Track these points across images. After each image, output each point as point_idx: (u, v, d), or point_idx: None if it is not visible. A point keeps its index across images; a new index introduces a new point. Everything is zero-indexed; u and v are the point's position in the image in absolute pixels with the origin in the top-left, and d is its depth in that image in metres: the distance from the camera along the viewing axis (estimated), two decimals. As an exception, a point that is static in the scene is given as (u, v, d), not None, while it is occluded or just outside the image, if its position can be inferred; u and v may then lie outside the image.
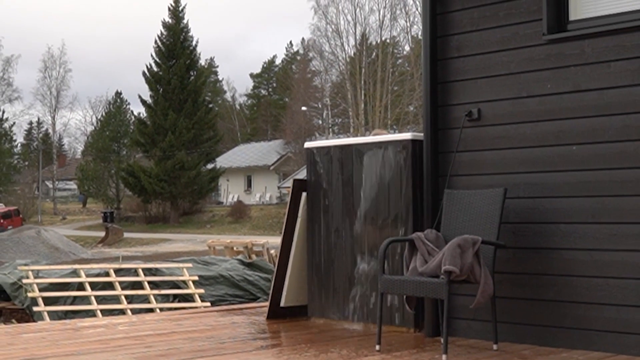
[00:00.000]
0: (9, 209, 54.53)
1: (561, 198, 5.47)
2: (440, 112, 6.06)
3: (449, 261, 5.07)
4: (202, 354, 5.18)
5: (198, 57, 59.19)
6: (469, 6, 5.92)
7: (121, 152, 69.23)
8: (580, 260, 5.36)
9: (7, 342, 5.72)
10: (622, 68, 5.23)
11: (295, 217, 6.80)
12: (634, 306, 5.06)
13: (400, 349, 5.40)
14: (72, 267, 11.58)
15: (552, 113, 5.52)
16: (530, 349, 5.34)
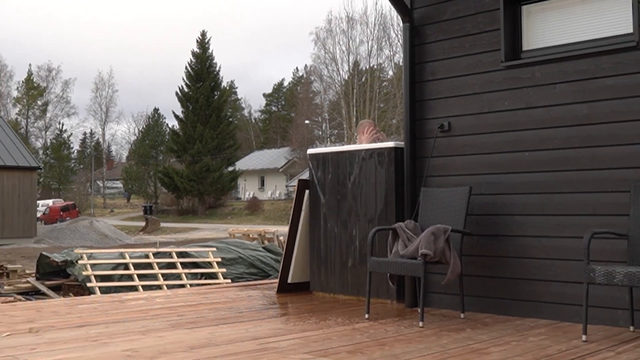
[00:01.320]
0: (67, 204, 54.41)
1: (516, 195, 5.47)
2: (417, 125, 6.05)
3: (424, 246, 5.09)
4: (224, 321, 5.19)
5: (221, 80, 59.08)
6: (441, 39, 5.92)
7: (158, 157, 69.09)
8: (531, 245, 5.37)
9: (66, 311, 5.73)
10: (565, 89, 5.24)
11: (299, 210, 6.79)
12: (574, 282, 5.04)
13: (385, 317, 5.40)
14: (119, 250, 11.59)
15: (508, 125, 5.52)
16: (490, 317, 5.35)
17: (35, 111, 70.08)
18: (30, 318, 5.35)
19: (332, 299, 6.41)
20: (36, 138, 70.27)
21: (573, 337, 4.54)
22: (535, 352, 4.11)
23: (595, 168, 5.08)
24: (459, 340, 4.46)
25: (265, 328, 4.90)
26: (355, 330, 4.82)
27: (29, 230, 30.10)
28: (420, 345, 4.29)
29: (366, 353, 4.07)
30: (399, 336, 4.61)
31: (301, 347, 4.25)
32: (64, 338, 4.52)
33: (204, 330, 4.81)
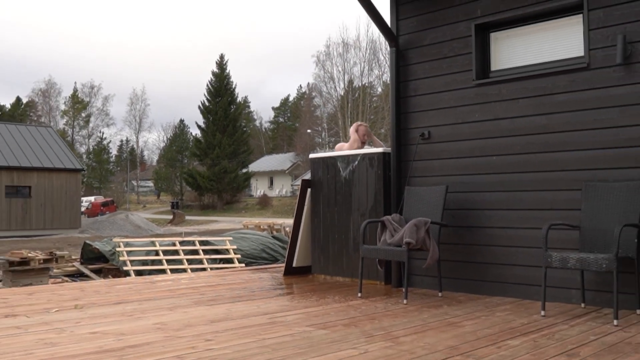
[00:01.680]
0: (107, 200, 54.34)
1: (485, 192, 5.46)
2: (402, 134, 6.04)
3: (408, 235, 5.09)
4: (239, 299, 5.18)
5: (236, 96, 58.96)
6: (422, 61, 5.92)
7: (183, 161, 69.03)
8: (498, 235, 5.36)
9: (106, 291, 5.73)
10: (526, 103, 5.23)
11: (303, 205, 6.78)
12: (535, 266, 5.05)
13: (375, 295, 5.39)
14: (150, 240, 11.58)
15: (478, 134, 5.51)
16: (464, 296, 5.35)
17: (79, 122, 69.97)
18: (75, 296, 5.36)
19: (330, 280, 6.40)
20: (80, 144, 70.15)
21: (533, 313, 4.53)
22: (501, 325, 4.11)
23: (552, 170, 5.07)
24: (437, 315, 4.45)
25: (274, 305, 4.90)
26: (349, 306, 4.82)
27: (74, 222, 30.10)
28: (404, 319, 4.29)
29: (359, 326, 4.07)
30: (387, 312, 4.60)
31: (304, 320, 4.25)
32: (104, 313, 4.52)
33: (222, 306, 4.81)
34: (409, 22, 5.99)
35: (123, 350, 3.40)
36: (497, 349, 3.47)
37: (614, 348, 3.49)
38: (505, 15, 5.36)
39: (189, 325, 4.06)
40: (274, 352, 3.37)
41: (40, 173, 29.24)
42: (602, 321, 4.22)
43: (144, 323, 4.14)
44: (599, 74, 4.84)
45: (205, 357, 3.27)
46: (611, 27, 4.78)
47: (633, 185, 4.58)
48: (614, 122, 4.76)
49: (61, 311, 4.61)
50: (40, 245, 20.13)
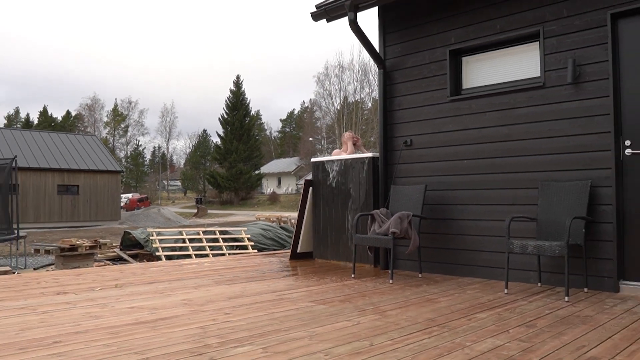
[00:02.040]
0: (142, 196, 54.29)
1: (458, 190, 5.46)
2: (388, 141, 6.04)
3: (393, 226, 5.09)
4: (252, 279, 5.18)
5: (250, 109, 58.87)
6: (405, 81, 5.91)
7: (206, 164, 69.04)
8: (469, 225, 5.35)
9: (141, 272, 5.73)
10: (492, 116, 5.23)
11: (305, 201, 6.77)
12: (499, 252, 5.06)
13: (366, 276, 5.39)
14: (178, 230, 11.58)
15: (452, 142, 5.50)
16: (440, 277, 5.34)
17: (119, 131, 69.94)
18: (116, 277, 5.37)
19: (328, 263, 6.40)
20: (120, 150, 70.08)
21: (498, 291, 4.54)
22: (471, 300, 4.11)
23: (514, 172, 5.07)
24: (417, 293, 4.45)
25: (282, 284, 4.90)
26: (344, 285, 4.82)
27: (115, 215, 30.10)
28: (390, 296, 4.29)
29: (352, 301, 4.07)
30: (376, 290, 4.61)
31: (307, 297, 4.25)
32: (140, 291, 4.53)
33: (238, 285, 4.81)
34: (394, 48, 6.00)
35: (155, 322, 3.41)
36: (468, 320, 3.47)
37: (565, 320, 3.50)
38: (474, 42, 5.36)
39: (210, 301, 4.07)
40: (281, 324, 3.38)
41: (86, 174, 29.24)
42: (555, 298, 4.23)
43: (172, 299, 4.15)
44: (552, 92, 4.85)
45: (224, 328, 3.28)
46: (563, 52, 4.79)
47: (581, 184, 4.59)
48: (565, 132, 4.77)
49: (104, 289, 4.62)
50: (87, 234, 20.14)
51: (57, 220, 28.07)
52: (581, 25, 4.69)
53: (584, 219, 4.42)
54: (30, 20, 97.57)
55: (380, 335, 3.11)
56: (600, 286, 4.51)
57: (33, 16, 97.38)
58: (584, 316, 3.61)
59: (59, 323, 3.39)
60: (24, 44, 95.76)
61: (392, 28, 6.01)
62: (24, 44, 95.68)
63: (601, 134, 4.57)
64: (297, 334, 3.14)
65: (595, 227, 4.55)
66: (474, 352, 2.80)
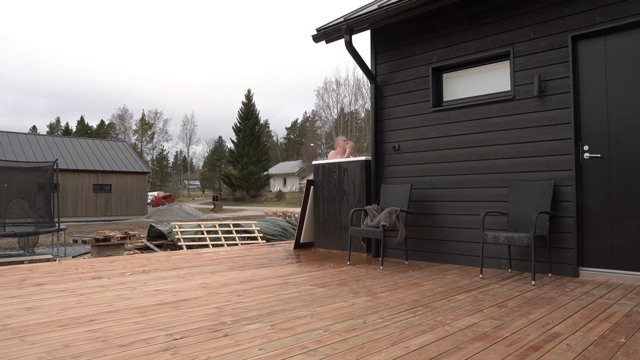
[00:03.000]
0: (166, 194, 54.16)
1: (439, 189, 5.44)
2: (379, 147, 6.01)
3: (383, 220, 5.08)
4: (261, 265, 5.16)
5: (260, 119, 58.92)
6: (394, 94, 5.89)
7: (221, 166, 68.98)
8: (449, 219, 5.33)
9: (165, 260, 5.71)
10: (469, 125, 5.21)
11: (307, 198, 6.75)
12: (475, 242, 5.04)
13: (360, 263, 5.37)
14: (197, 223, 11.57)
15: (434, 147, 5.49)
16: (424, 264, 5.31)
17: (146, 138, 69.83)
18: (143, 264, 5.36)
19: (327, 252, 6.38)
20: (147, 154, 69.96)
21: (474, 276, 4.53)
22: (451, 284, 4.10)
23: (488, 173, 5.06)
24: (404, 278, 4.45)
25: (287, 270, 4.89)
26: (341, 271, 4.81)
27: (142, 210, 30.07)
28: (381, 280, 4.29)
29: (348, 285, 4.06)
30: (368, 275, 4.60)
31: (308, 281, 4.24)
32: (164, 276, 4.52)
33: (249, 271, 4.80)
34: (384, 65, 5.99)
35: (177, 303, 3.41)
36: (448, 301, 3.47)
37: (532, 301, 3.49)
38: (453, 61, 5.35)
39: (225, 285, 4.06)
40: (287, 304, 3.37)
41: (117, 175, 29.22)
42: (523, 282, 4.22)
43: (192, 283, 4.14)
44: (521, 103, 4.84)
45: (237, 307, 3.28)
46: (530, 70, 4.78)
47: (545, 184, 4.58)
48: (532, 138, 4.76)
49: (133, 274, 4.61)
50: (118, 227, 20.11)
51: (92, 215, 28.06)
52: (546, 46, 4.69)
53: (548, 213, 4.41)
54: (67, 37, 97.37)
55: (372, 314, 3.10)
56: (562, 272, 4.50)
57: (68, 34, 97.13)
58: (549, 298, 3.61)
59: (94, 304, 3.39)
60: (63, 60, 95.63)
61: (382, 48, 6.00)
62: (63, 60, 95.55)
63: (563, 140, 4.56)
64: (300, 313, 3.14)
65: (558, 221, 4.54)
66: (453, 328, 2.80)
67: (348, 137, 48.98)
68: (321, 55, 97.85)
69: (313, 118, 66.77)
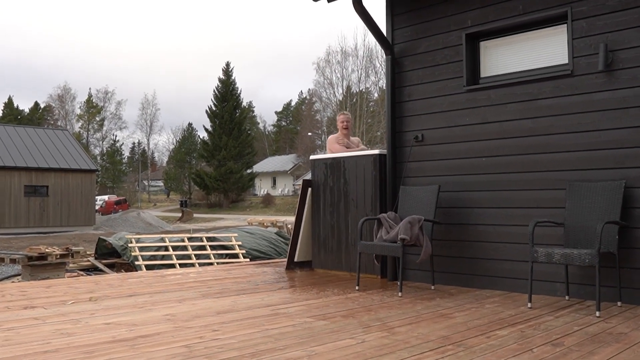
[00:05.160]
0: (119, 199, 54.18)
1: (475, 192, 5.47)
2: (397, 136, 6.04)
3: (402, 232, 5.09)
4: (244, 291, 5.17)
5: (241, 101, 58.84)
6: (416, 68, 5.92)
7: (192, 162, 69.00)
8: (488, 231, 5.36)
9: (118, 284, 5.72)
10: (514, 108, 5.24)
11: (304, 204, 6.77)
12: (522, 261, 5.07)
13: (371, 288, 5.39)
14: (160, 236, 11.57)
15: (469, 137, 5.51)
16: (455, 289, 5.34)
17: (94, 125, 69.93)
18: (90, 289, 5.36)
19: (329, 274, 6.39)
20: (95, 147, 70.07)
21: (521, 305, 4.54)
22: (490, 316, 4.11)
23: (538, 170, 5.08)
24: (430, 307, 4.45)
25: (277, 297, 4.89)
26: (348, 299, 4.82)
27: (89, 220, 30.10)
28: (399, 311, 4.29)
29: (356, 317, 4.07)
30: (383, 304, 4.61)
31: (305, 312, 4.25)
32: (117, 305, 4.52)
33: (228, 299, 4.81)
34: (403, 31, 6.00)
35: (135, 340, 3.41)
36: (487, 338, 3.47)
37: (596, 338, 3.50)
38: (493, 25, 5.36)
39: (196, 317, 4.07)
40: (276, 342, 3.38)
41: (56, 173, 29.25)
42: (585, 313, 4.23)
43: (154, 314, 4.15)
44: (582, 81, 4.85)
45: (212, 347, 3.28)
46: (594, 37, 4.79)
47: (613, 185, 4.59)
48: (596, 125, 4.77)
49: (77, 303, 4.61)
50: (57, 241, 20.14)
51: (24, 226, 28.06)
52: (615, 5, 4.69)
53: (617, 223, 4.42)
54: None
55: (387, 355, 3.10)
56: (635, 300, 4.51)
57: None
58: (617, 333, 3.61)
59: (25, 341, 3.39)
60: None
61: (401, 9, 6.01)
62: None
63: (637, 128, 4.56)
64: (294, 353, 3.14)
65: (630, 233, 4.54)
66: (493, 373, 2.80)
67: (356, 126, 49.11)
68: (322, 17, 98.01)
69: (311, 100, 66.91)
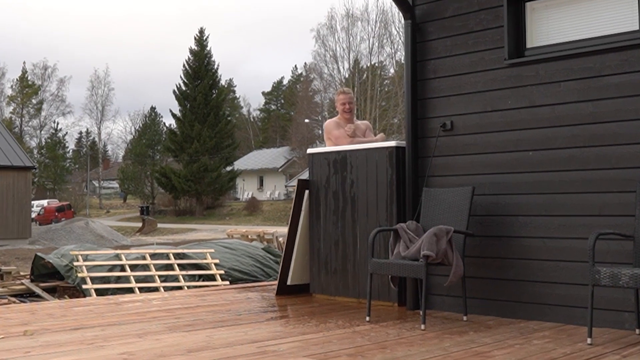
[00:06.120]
0: (62, 204, 54.35)
1: (519, 195, 5.47)
2: (419, 124, 6.04)
3: (426, 247, 5.08)
4: (222, 323, 5.17)
5: (219, 78, 58.99)
6: (443, 36, 5.92)
7: (155, 157, 69.14)
8: (536, 246, 5.35)
9: (61, 314, 5.72)
10: (570, 87, 5.23)
11: (299, 211, 6.77)
12: (579, 284, 5.06)
13: (386, 319, 5.39)
14: (115, 252, 11.57)
15: (512, 124, 5.51)
16: (494, 320, 5.34)
17: (29, 110, 70.03)
18: (24, 321, 5.34)
19: (332, 301, 6.39)
20: (31, 137, 70.24)
21: (578, 340, 4.53)
22: (539, 355, 4.10)
23: (601, 168, 5.07)
24: (461, 344, 4.45)
25: (264, 331, 4.89)
26: (356, 333, 4.81)
27: (23, 231, 30.07)
28: (422, 349, 4.28)
29: (367, 356, 4.06)
30: (401, 339, 4.59)
31: (301, 350, 4.24)
32: (59, 341, 4.51)
33: (201, 333, 4.80)
34: (427, -11, 6.00)
35: (82, 386, 3.40)
36: (535, 384, 3.46)
37: (676, 383, 3.48)
38: (544, -20, 5.36)
39: (161, 356, 4.05)
40: (264, 389, 3.36)
41: (-19, 172, 29.23)
42: (662, 351, 4.21)
43: (107, 353, 4.13)
44: (657, 52, 4.85)
45: (181, 395, 3.26)
46: (672, -4, 4.78)
47: (699, 186, 4.57)
48: (676, 110, 4.76)
49: (7, 338, 4.59)
50: (-18, 258, 20.12)
51: (-61, 238, 28.05)
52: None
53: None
54: None
55: (408, 406, 3.09)
56: None
57: None
58: None
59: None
60: None
61: (424, -40, 6.00)
62: None
63: None
64: (287, 403, 3.13)
65: None
66: None
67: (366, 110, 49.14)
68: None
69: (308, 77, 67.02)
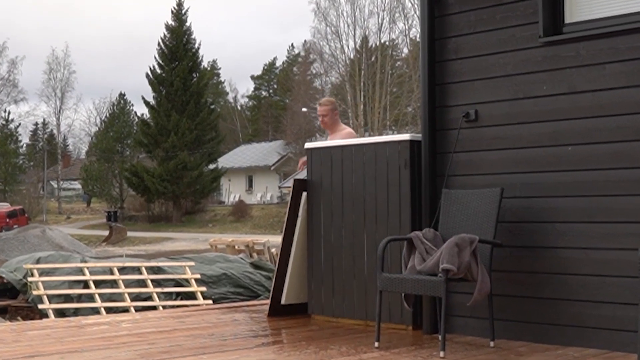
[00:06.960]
0: (14, 208, 54.22)
1: (556, 198, 5.47)
2: (438, 113, 6.06)
3: (446, 259, 5.07)
4: (203, 350, 5.18)
5: (200, 60, 58.92)
6: (466, 9, 5.93)
7: (125, 152, 68.98)
8: (576, 258, 5.36)
9: (13, 339, 5.71)
10: (617, 70, 5.23)
11: (295, 217, 6.80)
12: (629, 304, 5.03)
13: (398, 345, 5.41)
14: (77, 265, 11.48)
15: (547, 114, 5.52)
16: (526, 346, 5.35)
17: (-26, 96, 70.00)
18: (-30, 346, 5.35)
19: (334, 323, 6.40)
20: (-25, 129, 70.21)
21: (625, 370, 4.56)
22: (578, 386, 4.15)
23: (653, 165, 5.11)
24: (487, 373, 4.49)
25: (254, 359, 4.90)
26: (362, 361, 4.85)
27: (-35, 242, 30.07)
28: (440, 379, 4.33)
29: (375, 388, 4.11)
30: (415, 368, 4.64)
31: (297, 381, 4.29)
32: (12, 370, 4.55)
33: (179, 361, 4.83)
34: (448, -47, 6.05)
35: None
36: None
37: None
38: (585, -57, 5.42)
39: (132, 387, 4.11)
40: None
41: None
42: None
43: (68, 384, 4.18)
44: None
45: None
46: None
47: None
48: None
49: (-50, 367, 4.65)
50: None
51: None
52: None
53: None
54: None
55: None
56: None
57: None
58: None
59: None
60: None
61: None
62: None
63: None
64: None
65: None
66: None
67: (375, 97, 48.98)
68: None
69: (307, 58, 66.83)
